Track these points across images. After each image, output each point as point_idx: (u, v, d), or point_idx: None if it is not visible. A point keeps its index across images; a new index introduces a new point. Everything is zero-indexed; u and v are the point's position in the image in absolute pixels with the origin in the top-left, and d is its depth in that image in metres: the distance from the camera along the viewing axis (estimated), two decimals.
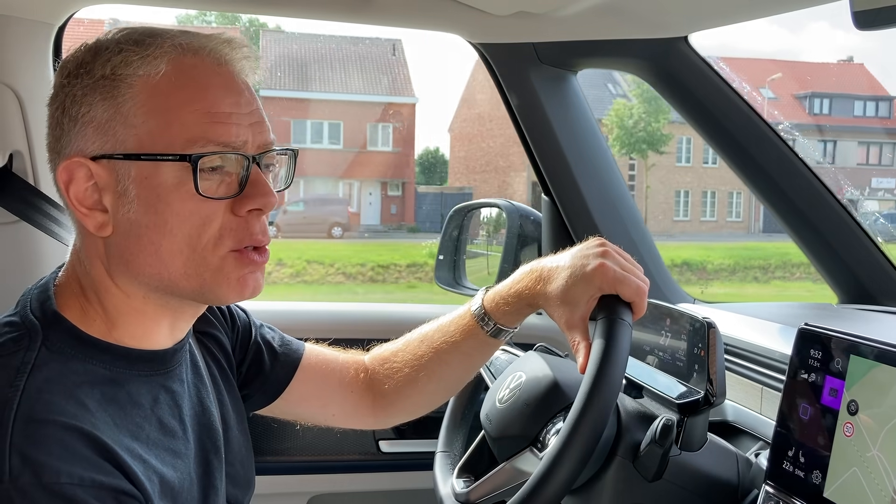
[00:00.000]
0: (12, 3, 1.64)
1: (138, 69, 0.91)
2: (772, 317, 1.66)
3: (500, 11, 1.76)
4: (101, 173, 0.92)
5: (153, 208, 0.92)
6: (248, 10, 1.87)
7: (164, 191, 0.91)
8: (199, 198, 0.91)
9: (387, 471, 1.98)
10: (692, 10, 1.73)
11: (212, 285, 0.95)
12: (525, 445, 1.20)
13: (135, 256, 0.94)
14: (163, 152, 0.91)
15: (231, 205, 0.94)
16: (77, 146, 0.92)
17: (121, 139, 0.91)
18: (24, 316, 0.93)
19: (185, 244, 0.93)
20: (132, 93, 0.91)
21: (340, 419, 1.36)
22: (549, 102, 1.92)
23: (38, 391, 0.85)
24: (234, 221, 0.94)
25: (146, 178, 0.91)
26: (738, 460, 1.25)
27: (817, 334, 1.09)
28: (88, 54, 0.93)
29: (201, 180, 0.91)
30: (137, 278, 0.95)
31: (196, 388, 1.08)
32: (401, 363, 1.32)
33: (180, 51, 0.93)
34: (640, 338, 1.37)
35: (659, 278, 2.01)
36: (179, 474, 0.97)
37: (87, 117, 0.91)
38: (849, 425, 1.01)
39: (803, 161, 1.84)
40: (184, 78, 0.92)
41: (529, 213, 2.06)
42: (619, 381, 1.06)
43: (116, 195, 0.92)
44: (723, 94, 1.84)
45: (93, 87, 0.92)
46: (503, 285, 1.24)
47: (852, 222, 1.84)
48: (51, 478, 0.79)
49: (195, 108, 0.92)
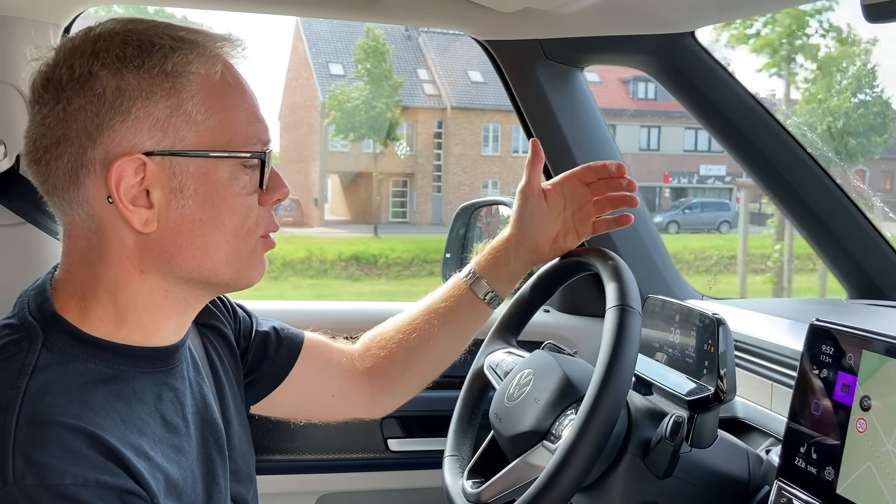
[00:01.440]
0: (19, 4, 1.64)
1: (199, 68, 0.93)
2: (781, 312, 1.65)
3: (507, 8, 1.76)
4: (154, 169, 0.91)
5: (210, 202, 0.94)
6: (257, 9, 1.87)
7: (221, 185, 0.95)
8: (246, 191, 0.97)
9: (396, 469, 1.97)
10: (698, 5, 1.72)
11: (246, 269, 1.01)
12: (537, 441, 1.19)
13: (181, 250, 0.95)
14: (225, 149, 0.95)
15: (258, 196, 1.00)
16: (128, 142, 0.90)
17: (182, 136, 0.92)
18: (23, 318, 0.92)
19: (231, 234, 0.97)
20: (193, 90, 0.92)
21: (339, 402, 1.38)
22: (556, 99, 1.91)
23: (39, 393, 0.85)
24: (262, 211, 1.01)
25: (205, 173, 0.94)
26: (748, 457, 1.25)
27: (828, 330, 1.09)
28: (130, 48, 0.91)
29: (243, 175, 0.97)
30: (176, 272, 0.96)
31: (198, 385, 1.08)
32: (393, 331, 1.38)
33: (226, 53, 0.97)
34: (649, 335, 1.37)
35: (667, 274, 2.00)
36: (183, 471, 0.96)
37: (143, 112, 0.90)
38: (862, 421, 1.01)
39: (812, 156, 1.83)
40: (232, 79, 0.97)
41: None
42: (632, 368, 1.08)
43: (169, 191, 0.92)
44: (730, 88, 1.83)
45: (150, 83, 0.90)
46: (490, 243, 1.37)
47: (861, 217, 1.84)
48: (55, 479, 0.79)
49: (244, 108, 0.97)
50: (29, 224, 1.66)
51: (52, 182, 0.93)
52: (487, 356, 1.41)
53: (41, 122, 0.92)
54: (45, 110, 0.92)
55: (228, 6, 1.82)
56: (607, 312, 1.12)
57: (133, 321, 0.96)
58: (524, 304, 1.41)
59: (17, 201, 1.65)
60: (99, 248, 0.94)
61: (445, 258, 2.16)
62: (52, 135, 0.91)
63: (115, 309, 0.95)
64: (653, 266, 1.98)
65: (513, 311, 1.43)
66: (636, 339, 1.09)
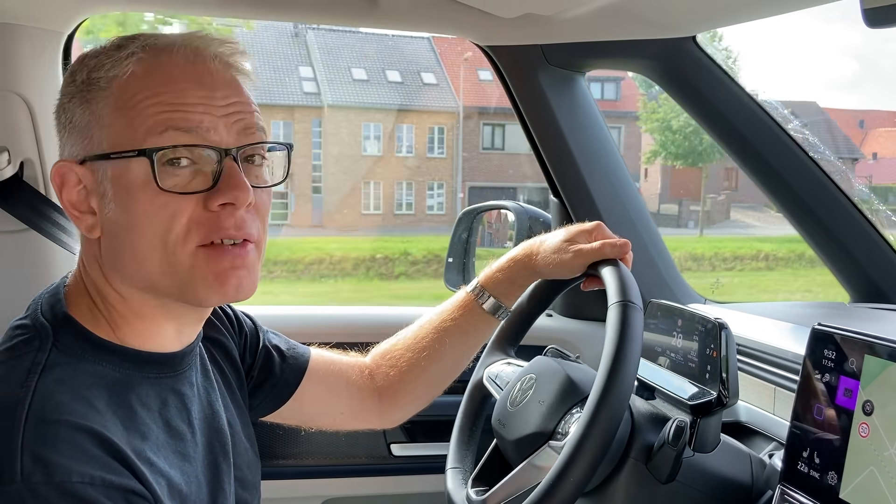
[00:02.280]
0: (22, 12, 1.65)
1: (109, 71, 0.94)
2: (784, 316, 1.65)
3: (508, 14, 1.76)
4: (86, 176, 0.95)
5: (126, 207, 0.92)
6: (254, 15, 1.87)
7: (133, 188, 0.91)
8: (166, 194, 0.90)
9: (399, 474, 1.97)
10: (699, 10, 1.72)
11: (189, 283, 0.94)
12: (542, 442, 1.19)
13: (119, 257, 0.95)
14: (130, 148, 0.91)
15: (204, 199, 0.92)
16: (66, 151, 0.97)
17: (96, 141, 0.94)
18: (35, 318, 0.94)
19: (157, 241, 0.92)
20: (104, 94, 0.93)
21: (348, 418, 1.39)
22: (558, 104, 1.92)
23: (49, 392, 0.86)
24: (203, 216, 0.92)
25: (119, 177, 0.92)
26: (751, 461, 1.25)
27: (831, 334, 1.09)
28: (76, 64, 0.97)
29: (169, 175, 0.91)
30: (126, 280, 0.96)
31: (206, 392, 1.09)
32: (402, 349, 1.39)
33: (150, 50, 0.94)
34: (651, 339, 1.37)
35: (670, 279, 2.00)
36: (187, 477, 0.97)
37: (71, 123, 0.96)
38: (864, 426, 1.01)
39: (814, 160, 1.83)
40: (152, 75, 0.93)
41: (538, 214, 2.06)
42: (637, 361, 1.08)
43: (99, 196, 0.95)
44: (731, 93, 1.83)
45: (73, 94, 0.96)
46: (499, 259, 1.36)
47: (864, 221, 1.84)
48: (62, 477, 0.80)
49: (158, 100, 0.91)
50: (32, 230, 1.66)
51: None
52: (486, 368, 1.40)
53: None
54: None
55: (226, 12, 1.82)
56: (609, 309, 1.13)
57: (124, 326, 0.97)
58: (522, 314, 1.41)
59: (21, 208, 1.66)
60: (84, 253, 1.00)
61: (448, 262, 2.16)
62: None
63: (108, 312, 0.97)
64: (656, 270, 1.98)
65: (511, 322, 1.42)
66: (639, 333, 1.09)
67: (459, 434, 1.38)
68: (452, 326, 1.36)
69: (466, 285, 1.38)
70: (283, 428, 1.54)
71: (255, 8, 1.83)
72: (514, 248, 1.36)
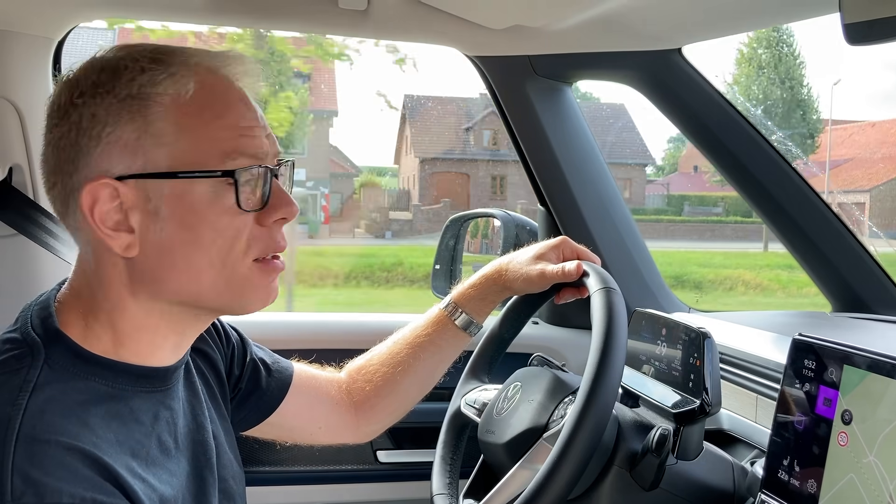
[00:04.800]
0: (12, 18, 1.65)
1: (168, 88, 0.92)
2: (766, 326, 1.67)
3: (496, 25, 1.78)
4: (129, 193, 0.91)
5: (187, 225, 0.92)
6: (244, 24, 1.88)
7: (199, 207, 0.92)
8: (233, 211, 0.93)
9: (384, 481, 1.98)
10: (685, 23, 1.74)
11: (242, 296, 0.98)
12: (536, 437, 1.19)
13: (165, 273, 0.94)
14: (199, 169, 0.91)
15: (258, 216, 0.96)
16: (100, 166, 0.91)
17: (151, 158, 0.91)
18: (26, 333, 0.92)
19: (216, 258, 0.94)
20: (162, 111, 0.91)
21: (325, 432, 1.41)
22: (545, 114, 1.93)
23: (40, 411, 0.85)
24: (259, 231, 0.96)
25: (180, 195, 0.92)
26: (733, 469, 1.26)
27: (811, 344, 1.11)
28: (105, 74, 0.92)
29: (244, 196, 0.94)
30: (164, 295, 0.96)
31: (191, 405, 1.09)
32: (378, 364, 1.41)
33: (203, 70, 0.95)
34: (635, 347, 1.38)
35: (655, 287, 2.02)
36: (175, 492, 0.97)
37: (113, 137, 0.90)
38: (843, 434, 1.03)
39: (796, 171, 1.85)
40: (210, 95, 0.94)
41: (525, 222, 2.07)
42: (625, 341, 1.13)
43: (146, 214, 0.92)
44: (716, 105, 1.85)
45: (118, 107, 0.90)
46: (471, 277, 1.40)
47: (845, 231, 1.86)
48: (53, 498, 0.79)
49: (225, 124, 0.94)
50: (21, 236, 1.67)
51: (55, 208, 0.96)
52: (463, 397, 1.41)
53: (44, 150, 0.95)
54: (46, 138, 0.95)
55: (216, 21, 1.83)
56: (592, 297, 1.18)
57: (129, 343, 0.96)
58: (495, 340, 1.43)
59: (10, 213, 1.66)
60: (96, 272, 0.96)
61: (435, 269, 2.17)
62: (49, 163, 0.94)
63: (113, 330, 0.96)
64: (640, 279, 2.00)
65: (484, 349, 1.43)
66: (623, 314, 1.15)
67: (441, 464, 1.38)
68: (426, 342, 1.39)
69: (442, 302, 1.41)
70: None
71: (244, 16, 1.84)
72: (486, 266, 1.40)
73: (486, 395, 1.37)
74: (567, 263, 1.28)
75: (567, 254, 1.34)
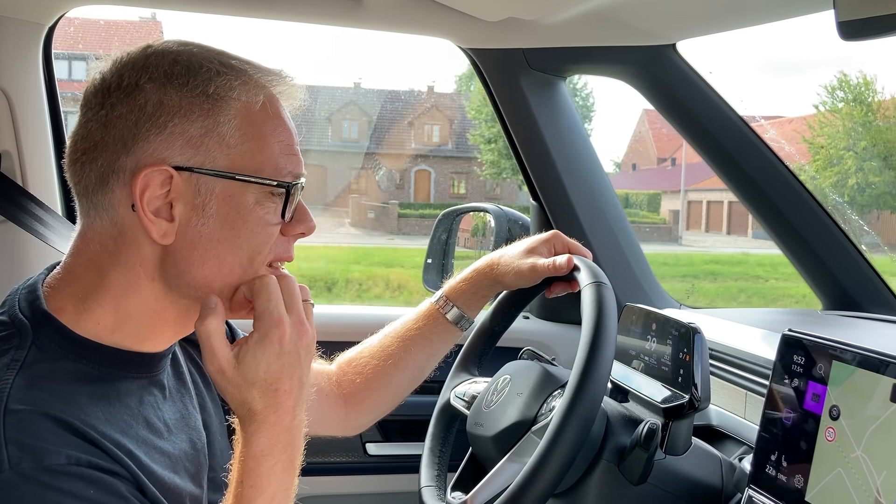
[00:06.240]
0: (3, 3, 1.64)
1: (241, 95, 0.95)
2: (756, 322, 1.67)
3: (491, 17, 1.77)
4: (181, 184, 0.93)
5: (230, 224, 0.95)
6: (237, 13, 1.87)
7: (244, 210, 0.95)
8: (271, 220, 0.98)
9: (373, 473, 1.98)
10: (680, 18, 1.74)
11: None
12: (525, 431, 1.19)
13: (194, 267, 0.95)
14: (253, 175, 0.95)
15: (283, 227, 1.00)
16: (160, 153, 0.92)
17: (212, 156, 0.94)
18: (13, 315, 0.93)
19: (245, 259, 0.97)
20: (231, 115, 0.94)
21: (314, 424, 1.38)
22: (539, 108, 1.93)
23: (27, 387, 0.86)
24: (280, 241, 1.01)
25: (230, 195, 0.95)
26: (722, 464, 1.26)
27: (800, 340, 1.11)
28: (179, 66, 0.94)
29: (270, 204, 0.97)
30: (183, 286, 0.97)
31: (179, 393, 1.09)
32: (368, 357, 1.41)
33: (267, 84, 0.99)
34: (625, 342, 1.38)
35: (645, 283, 2.02)
36: (167, 472, 0.97)
37: (179, 128, 0.92)
38: (830, 430, 1.03)
39: (789, 169, 1.86)
40: (272, 110, 0.98)
41: (518, 217, 2.07)
42: (615, 334, 1.13)
43: (192, 207, 0.94)
44: (710, 101, 1.85)
45: (191, 102, 0.93)
46: (462, 271, 1.41)
47: (837, 230, 1.86)
48: (51, 460, 0.81)
49: (279, 140, 0.98)
50: (10, 223, 1.65)
51: (84, 184, 0.95)
52: (453, 389, 1.41)
53: (84, 125, 0.95)
54: (89, 115, 0.95)
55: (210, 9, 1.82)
56: (582, 291, 1.18)
57: (130, 326, 0.97)
58: (486, 333, 1.43)
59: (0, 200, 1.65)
60: (115, 253, 0.96)
61: (427, 263, 2.17)
62: (92, 138, 0.94)
63: (116, 313, 0.96)
64: (631, 274, 2.00)
65: (474, 342, 1.44)
66: (614, 308, 1.15)
67: (430, 456, 1.38)
68: (417, 336, 1.40)
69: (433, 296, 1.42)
70: None
71: (238, 6, 1.83)
72: (477, 260, 1.41)
73: (475, 388, 1.37)
74: (558, 257, 1.29)
75: (558, 248, 1.34)
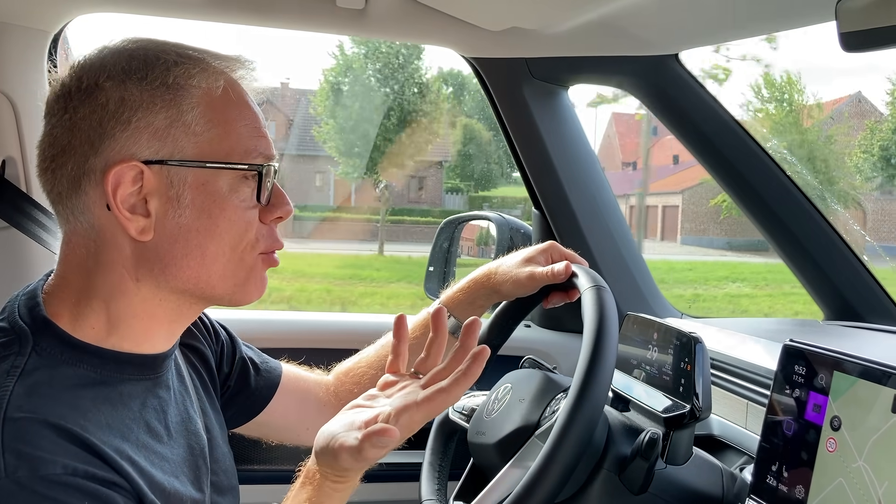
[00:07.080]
0: (9, 10, 1.65)
1: (201, 82, 0.96)
2: (757, 332, 1.67)
3: (494, 27, 1.78)
4: (152, 178, 0.93)
5: (207, 213, 0.96)
6: (241, 21, 1.88)
7: (219, 197, 0.96)
8: (247, 205, 0.99)
9: (372, 481, 1.95)
10: (682, 28, 1.75)
11: (244, 286, 1.02)
12: (528, 436, 1.19)
13: (176, 260, 0.96)
14: (223, 161, 0.96)
15: (260, 213, 1.00)
16: (127, 150, 0.93)
17: (180, 146, 0.94)
18: (13, 321, 0.93)
19: (228, 247, 0.98)
20: (194, 103, 0.95)
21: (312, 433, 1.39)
22: (541, 117, 1.93)
23: (27, 394, 0.86)
24: (263, 228, 1.01)
25: (203, 184, 0.95)
26: (723, 474, 1.26)
27: (802, 350, 1.11)
28: (136, 62, 0.94)
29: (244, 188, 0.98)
30: (171, 282, 0.97)
31: (181, 396, 1.10)
32: (365, 366, 1.42)
33: (226, 69, 0.99)
34: (627, 352, 1.38)
35: (647, 292, 2.02)
36: (167, 477, 0.97)
37: (143, 122, 0.93)
38: (832, 441, 1.03)
39: (791, 179, 1.86)
40: (234, 94, 0.99)
41: (520, 226, 2.07)
42: (616, 337, 1.13)
43: (166, 200, 0.94)
44: (712, 111, 1.86)
45: (152, 94, 0.93)
46: (460, 281, 1.42)
47: (839, 240, 1.86)
48: (48, 469, 0.81)
49: (246, 123, 0.99)
50: (14, 229, 1.66)
51: (56, 190, 0.96)
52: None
53: (50, 133, 0.95)
54: (53, 121, 0.95)
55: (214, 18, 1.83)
56: (582, 295, 1.19)
57: (124, 329, 0.97)
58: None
59: (3, 206, 1.65)
60: (96, 256, 0.96)
61: (429, 271, 2.17)
62: (59, 144, 0.94)
63: (108, 316, 0.96)
64: (633, 283, 2.00)
65: None
66: (614, 310, 1.15)
67: (430, 470, 1.38)
68: (415, 345, 1.36)
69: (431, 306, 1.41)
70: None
71: (242, 14, 1.84)
72: (474, 270, 1.41)
73: (474, 402, 1.37)
74: (556, 265, 1.30)
75: (555, 257, 1.35)
